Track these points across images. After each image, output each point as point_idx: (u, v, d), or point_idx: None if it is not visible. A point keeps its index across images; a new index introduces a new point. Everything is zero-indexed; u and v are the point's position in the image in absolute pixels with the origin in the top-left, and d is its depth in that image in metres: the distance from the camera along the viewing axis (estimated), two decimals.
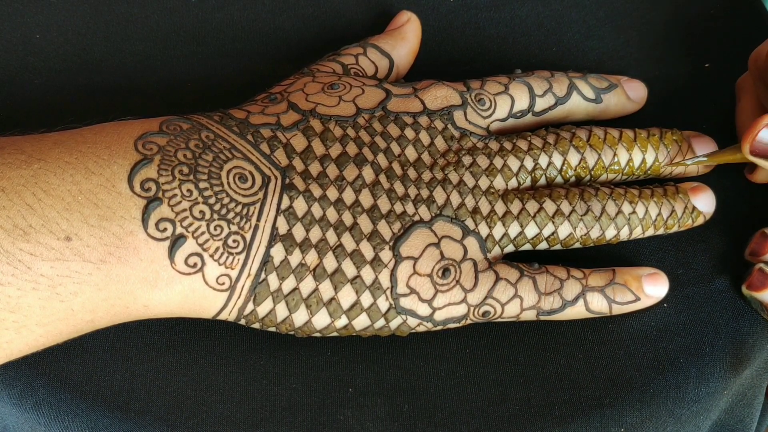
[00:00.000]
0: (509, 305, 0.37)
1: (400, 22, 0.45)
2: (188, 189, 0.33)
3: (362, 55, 0.42)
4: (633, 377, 0.37)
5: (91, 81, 0.44)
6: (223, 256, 0.33)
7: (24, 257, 0.30)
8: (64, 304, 0.32)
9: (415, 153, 0.37)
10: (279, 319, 0.35)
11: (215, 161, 0.34)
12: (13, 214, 0.30)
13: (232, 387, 0.36)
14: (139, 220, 0.32)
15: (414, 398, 0.36)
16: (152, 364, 0.37)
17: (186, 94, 0.44)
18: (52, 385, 0.36)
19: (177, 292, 0.33)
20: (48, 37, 0.46)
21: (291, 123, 0.37)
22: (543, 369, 0.37)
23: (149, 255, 0.32)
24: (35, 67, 0.45)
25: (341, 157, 0.36)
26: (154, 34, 0.46)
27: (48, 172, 0.32)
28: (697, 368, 0.37)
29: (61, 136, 0.34)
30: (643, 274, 0.38)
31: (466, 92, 0.40)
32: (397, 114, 0.38)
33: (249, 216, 0.34)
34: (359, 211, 0.35)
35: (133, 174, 0.33)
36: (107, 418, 0.35)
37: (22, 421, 0.37)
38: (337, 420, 0.36)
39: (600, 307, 0.38)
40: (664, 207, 0.39)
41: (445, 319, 0.36)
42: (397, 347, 0.38)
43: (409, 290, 0.35)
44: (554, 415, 0.36)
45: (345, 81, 0.39)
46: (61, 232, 0.31)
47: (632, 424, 0.36)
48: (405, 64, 0.44)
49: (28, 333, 0.32)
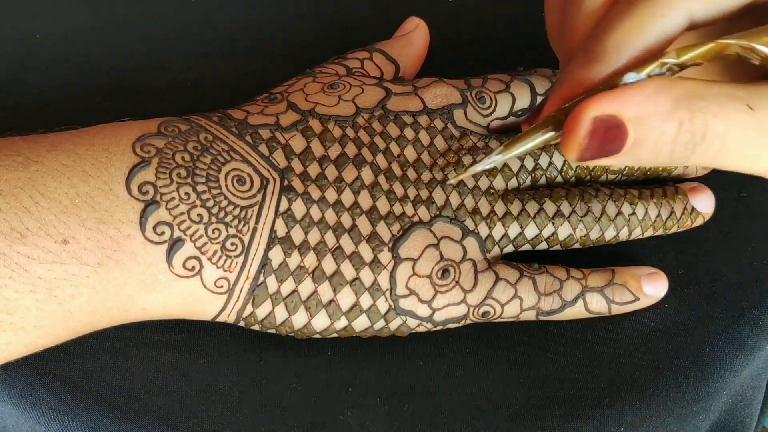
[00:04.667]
0: (509, 306, 0.37)
1: (409, 28, 0.44)
2: (186, 192, 0.33)
3: (368, 59, 0.42)
4: (633, 377, 0.37)
5: (91, 81, 0.44)
6: (221, 259, 0.33)
7: (21, 260, 0.30)
8: (62, 307, 0.32)
9: (414, 153, 0.37)
10: (278, 321, 0.35)
11: (213, 164, 0.34)
12: (10, 216, 0.30)
13: (232, 387, 0.36)
14: (136, 224, 0.32)
15: (414, 398, 0.36)
16: (152, 364, 0.37)
17: (186, 94, 0.44)
18: (51, 384, 0.36)
19: (175, 295, 0.33)
20: (48, 37, 0.46)
21: (290, 123, 0.37)
22: (543, 369, 0.37)
23: (147, 258, 0.32)
24: (35, 67, 0.45)
25: (340, 158, 0.36)
26: (154, 34, 0.46)
27: (45, 174, 0.32)
28: (697, 368, 0.37)
29: (58, 138, 0.33)
30: (643, 274, 0.38)
31: (467, 90, 0.40)
32: (397, 113, 0.38)
33: (247, 219, 0.34)
34: (358, 212, 0.35)
35: (131, 177, 0.33)
36: (107, 418, 0.35)
37: (22, 421, 0.37)
38: (337, 420, 0.36)
39: (599, 308, 0.37)
40: (664, 208, 0.39)
41: (444, 320, 0.36)
42: (397, 347, 0.38)
43: (408, 291, 0.35)
44: (554, 414, 0.36)
45: (345, 81, 0.39)
46: (58, 235, 0.31)
47: (632, 424, 0.36)
48: (411, 71, 0.44)
49: (26, 335, 0.32)
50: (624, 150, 0.27)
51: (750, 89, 0.27)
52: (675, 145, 0.27)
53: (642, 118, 0.27)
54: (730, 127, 0.27)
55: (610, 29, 0.28)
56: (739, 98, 0.27)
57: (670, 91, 0.27)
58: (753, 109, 0.27)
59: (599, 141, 0.27)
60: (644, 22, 0.27)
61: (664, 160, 0.28)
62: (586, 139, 0.27)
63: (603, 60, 0.28)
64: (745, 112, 0.27)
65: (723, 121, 0.27)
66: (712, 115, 0.27)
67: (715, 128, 0.27)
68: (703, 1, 0.27)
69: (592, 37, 0.29)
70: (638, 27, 0.27)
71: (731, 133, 0.27)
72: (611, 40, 0.28)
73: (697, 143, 0.27)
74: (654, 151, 0.27)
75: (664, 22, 0.27)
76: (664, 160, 0.28)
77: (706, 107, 0.27)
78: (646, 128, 0.27)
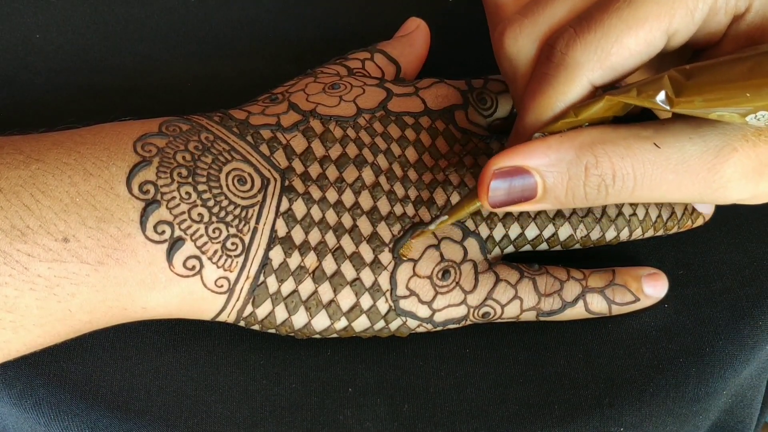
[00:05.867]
0: (509, 306, 0.37)
1: (409, 29, 0.44)
2: (187, 191, 0.33)
3: (369, 60, 0.42)
4: (633, 377, 0.37)
5: (91, 81, 0.44)
6: (222, 258, 0.33)
7: (21, 258, 0.30)
8: (62, 305, 0.32)
9: (415, 154, 0.37)
10: (278, 321, 0.35)
11: (214, 163, 0.34)
12: (11, 214, 0.30)
13: (232, 387, 0.36)
14: (137, 223, 0.32)
15: (414, 398, 0.36)
16: (152, 363, 0.37)
17: (186, 94, 0.44)
18: (51, 384, 0.36)
19: (175, 294, 0.33)
20: (48, 37, 0.46)
21: (291, 123, 0.37)
22: (543, 369, 0.37)
23: (147, 257, 0.32)
24: (35, 67, 0.45)
25: (341, 158, 0.36)
26: (154, 34, 0.46)
27: (46, 173, 0.32)
28: (696, 368, 0.37)
29: (59, 137, 0.34)
30: (643, 275, 0.38)
31: (468, 91, 0.40)
32: (398, 114, 0.38)
33: (248, 219, 0.34)
34: (359, 213, 0.35)
35: (132, 176, 0.33)
36: (107, 418, 0.35)
37: (22, 421, 0.37)
38: (337, 420, 0.36)
39: (600, 308, 0.37)
40: (664, 209, 0.39)
41: (445, 321, 0.36)
42: (397, 347, 0.38)
43: (408, 292, 0.35)
44: (554, 414, 0.36)
45: (346, 81, 0.39)
46: (58, 234, 0.31)
47: (632, 424, 0.36)
48: (412, 71, 0.44)
49: (26, 333, 0.32)
50: (538, 195, 0.31)
51: (657, 127, 0.30)
52: (587, 188, 0.31)
53: (547, 166, 0.31)
54: (639, 166, 0.30)
55: (525, 111, 0.32)
56: (646, 138, 0.30)
57: (574, 140, 0.31)
58: (660, 147, 0.30)
59: (506, 190, 0.31)
60: (551, 100, 0.31)
61: (582, 202, 0.31)
62: (492, 190, 0.31)
63: (524, 137, 0.32)
64: (652, 151, 0.30)
65: (630, 162, 0.30)
66: (619, 157, 0.30)
67: (624, 169, 0.30)
68: (601, 71, 0.30)
69: (517, 119, 0.33)
70: (546, 107, 0.31)
71: (641, 171, 0.30)
72: (528, 121, 0.32)
73: (608, 185, 0.30)
74: (569, 195, 0.31)
75: (567, 96, 0.31)
76: (582, 202, 0.31)
77: (612, 150, 0.30)
78: (553, 175, 0.31)
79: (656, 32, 0.29)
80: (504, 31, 0.33)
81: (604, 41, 0.30)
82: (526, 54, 0.33)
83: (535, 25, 0.32)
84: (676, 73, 0.28)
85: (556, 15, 0.32)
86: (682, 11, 0.29)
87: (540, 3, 0.32)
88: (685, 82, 0.28)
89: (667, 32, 0.29)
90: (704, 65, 0.28)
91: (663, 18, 0.29)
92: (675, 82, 0.28)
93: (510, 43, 0.33)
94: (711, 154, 0.30)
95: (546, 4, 0.32)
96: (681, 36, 0.30)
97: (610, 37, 0.29)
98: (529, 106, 0.32)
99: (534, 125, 0.32)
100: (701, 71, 0.28)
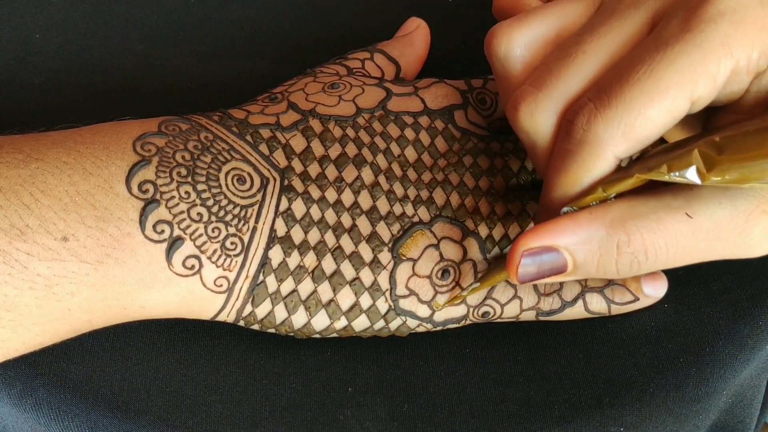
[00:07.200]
0: (509, 306, 0.37)
1: (409, 28, 0.44)
2: (186, 191, 0.33)
3: (369, 59, 0.42)
4: (633, 377, 0.37)
5: (91, 81, 0.44)
6: (221, 258, 0.33)
7: (21, 257, 0.30)
8: (61, 304, 0.32)
9: (415, 154, 0.37)
10: (278, 321, 0.35)
11: (213, 163, 0.34)
12: (10, 213, 0.30)
13: (232, 387, 0.36)
14: (136, 222, 0.32)
15: (414, 398, 0.36)
16: (152, 363, 0.37)
17: (186, 94, 0.44)
18: (51, 384, 0.36)
19: (174, 293, 0.33)
20: (48, 37, 0.46)
21: (290, 123, 0.37)
22: (543, 368, 0.37)
23: (146, 257, 0.32)
24: (35, 67, 0.45)
25: (340, 158, 0.36)
26: (154, 34, 0.46)
27: (46, 172, 0.32)
28: (696, 368, 0.37)
29: (59, 136, 0.34)
30: (642, 275, 0.38)
31: (468, 91, 0.40)
32: (398, 114, 0.38)
33: (247, 218, 0.34)
34: (358, 212, 0.35)
35: (131, 175, 0.33)
36: (107, 418, 0.35)
37: (22, 421, 0.37)
38: (337, 420, 0.36)
39: (599, 308, 0.37)
40: None
41: (444, 320, 0.36)
42: (397, 347, 0.38)
43: (408, 292, 0.35)
44: (554, 414, 0.36)
45: (345, 80, 0.39)
46: (58, 233, 0.31)
47: (632, 424, 0.36)
48: (412, 71, 0.44)
49: (25, 332, 0.32)
50: (569, 271, 0.31)
51: (688, 196, 0.30)
52: (619, 264, 0.31)
53: (577, 244, 0.30)
54: (671, 239, 0.30)
55: (551, 187, 0.32)
56: (677, 208, 0.30)
57: (604, 217, 0.30)
58: (692, 217, 0.29)
59: (536, 267, 0.31)
60: (577, 177, 0.31)
61: (613, 276, 0.31)
62: (522, 267, 0.31)
63: (551, 211, 0.32)
64: (684, 222, 0.30)
65: (663, 236, 0.30)
66: (651, 232, 0.30)
67: (656, 243, 0.30)
68: (626, 144, 0.29)
69: (543, 191, 0.33)
70: (572, 184, 0.31)
71: (673, 244, 0.30)
72: (555, 196, 0.32)
73: (641, 261, 0.30)
74: (600, 270, 0.31)
75: (593, 173, 0.30)
76: (613, 276, 0.31)
77: (644, 226, 0.30)
78: (584, 252, 0.31)
79: (679, 101, 0.28)
80: (518, 106, 0.32)
81: (626, 115, 0.29)
82: (545, 129, 0.32)
83: (550, 99, 0.31)
84: (706, 148, 0.28)
85: (572, 86, 0.31)
86: (705, 77, 0.28)
87: (553, 73, 0.31)
88: (716, 156, 0.28)
89: (691, 99, 0.29)
90: (733, 136, 0.28)
91: (686, 86, 0.28)
92: (705, 156, 0.28)
93: (526, 118, 0.32)
94: (741, 218, 0.29)
95: (560, 74, 0.31)
96: (704, 101, 0.29)
97: (633, 111, 0.29)
98: (555, 182, 0.31)
99: (561, 201, 0.32)
100: (731, 144, 0.28)
